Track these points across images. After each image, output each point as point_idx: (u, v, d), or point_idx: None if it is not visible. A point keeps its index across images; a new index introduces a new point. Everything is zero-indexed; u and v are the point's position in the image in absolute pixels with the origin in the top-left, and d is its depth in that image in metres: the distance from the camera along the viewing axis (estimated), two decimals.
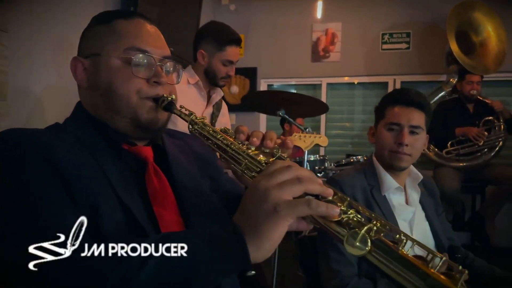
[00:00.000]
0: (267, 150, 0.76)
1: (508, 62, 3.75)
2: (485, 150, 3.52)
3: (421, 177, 1.43)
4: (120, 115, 0.83)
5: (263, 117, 4.91)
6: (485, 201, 3.67)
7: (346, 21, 4.58)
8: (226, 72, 1.96)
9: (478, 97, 3.61)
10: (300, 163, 2.60)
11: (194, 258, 0.57)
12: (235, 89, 4.83)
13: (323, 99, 4.76)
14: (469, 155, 3.53)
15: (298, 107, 2.29)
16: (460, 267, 0.55)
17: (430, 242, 1.39)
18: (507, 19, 3.78)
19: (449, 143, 3.57)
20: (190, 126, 0.83)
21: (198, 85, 1.98)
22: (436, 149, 3.68)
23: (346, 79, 4.69)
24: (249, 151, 0.73)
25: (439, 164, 3.62)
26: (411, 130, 1.35)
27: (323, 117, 4.77)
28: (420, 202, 1.44)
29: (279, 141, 0.82)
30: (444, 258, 0.56)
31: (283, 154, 0.74)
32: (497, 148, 3.51)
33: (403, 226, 1.35)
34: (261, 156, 0.73)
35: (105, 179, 0.76)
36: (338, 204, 0.62)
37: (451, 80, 3.87)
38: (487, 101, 3.60)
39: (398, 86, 4.48)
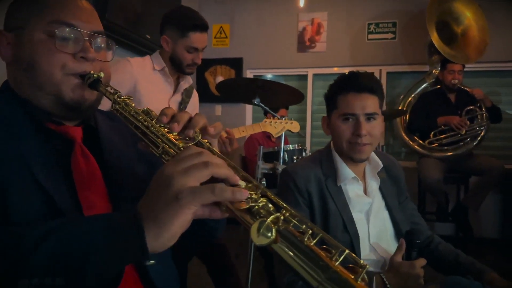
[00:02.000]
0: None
1: (490, 52, 3.72)
2: (468, 139, 3.51)
3: (381, 165, 1.38)
4: (43, 92, 0.80)
5: (249, 108, 4.87)
6: (469, 191, 3.66)
7: (332, 10, 4.53)
8: (191, 59, 1.89)
9: (460, 86, 3.59)
10: (278, 152, 2.56)
11: (87, 243, 0.55)
12: (220, 79, 4.78)
13: (309, 89, 4.73)
14: (452, 145, 3.52)
15: (273, 95, 2.24)
16: (362, 262, 0.53)
17: (389, 232, 1.35)
18: (488, 9, 3.74)
19: (432, 133, 3.56)
20: (113, 105, 0.80)
21: (164, 72, 1.93)
22: (419, 140, 3.67)
23: (335, 70, 4.64)
24: (169, 135, 0.70)
25: (423, 154, 3.60)
26: (367, 117, 1.29)
27: (309, 109, 4.73)
28: (380, 190, 1.39)
29: (211, 129, 0.77)
30: (347, 251, 0.54)
31: (204, 140, 0.71)
32: (479, 137, 3.50)
33: (359, 217, 1.31)
34: (181, 141, 0.70)
35: (22, 160, 0.72)
36: (250, 192, 0.60)
37: (434, 71, 3.84)
38: (467, 89, 3.58)
39: (384, 76, 4.45)
